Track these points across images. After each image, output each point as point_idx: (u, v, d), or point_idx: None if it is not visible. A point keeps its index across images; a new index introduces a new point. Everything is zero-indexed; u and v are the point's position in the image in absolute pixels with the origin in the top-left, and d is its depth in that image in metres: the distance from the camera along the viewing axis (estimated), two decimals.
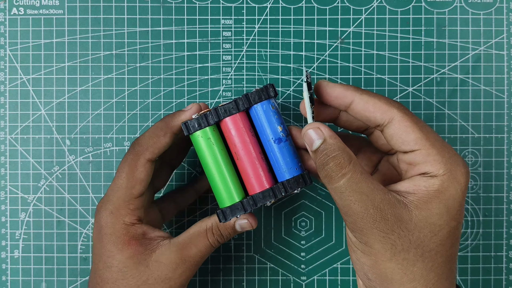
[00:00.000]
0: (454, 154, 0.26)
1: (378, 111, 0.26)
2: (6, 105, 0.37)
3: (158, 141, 0.30)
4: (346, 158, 0.25)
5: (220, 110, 0.29)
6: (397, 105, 0.26)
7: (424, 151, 0.25)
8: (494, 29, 0.38)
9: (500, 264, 0.38)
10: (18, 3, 0.37)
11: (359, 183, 0.25)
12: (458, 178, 0.25)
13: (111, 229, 0.29)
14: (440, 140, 0.26)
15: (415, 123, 0.26)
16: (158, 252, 0.29)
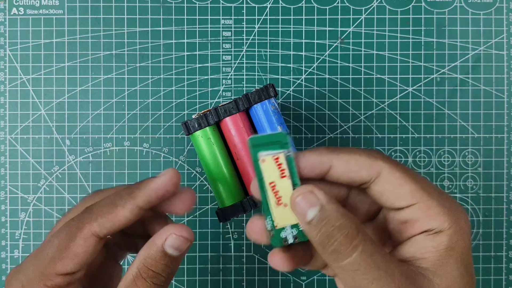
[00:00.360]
0: (453, 201, 0.23)
1: (363, 169, 0.22)
2: (6, 105, 0.37)
3: (113, 212, 0.22)
4: (353, 226, 0.21)
5: (220, 110, 0.29)
6: (381, 156, 0.23)
7: (423, 205, 0.22)
8: (494, 29, 0.38)
9: (500, 264, 0.38)
10: (18, 3, 0.37)
11: (373, 255, 0.20)
12: (464, 228, 0.22)
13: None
14: (435, 188, 0.23)
15: (406, 173, 0.22)
16: None
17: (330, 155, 0.22)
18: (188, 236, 0.23)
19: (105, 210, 0.22)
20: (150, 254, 0.23)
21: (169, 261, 0.23)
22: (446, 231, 0.22)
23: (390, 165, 0.22)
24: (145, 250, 0.23)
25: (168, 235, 0.22)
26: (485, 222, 0.38)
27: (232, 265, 0.38)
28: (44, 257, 0.22)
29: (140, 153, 0.38)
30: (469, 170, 0.38)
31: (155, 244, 0.23)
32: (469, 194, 0.38)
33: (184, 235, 0.23)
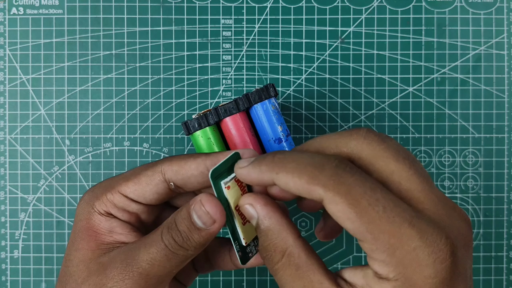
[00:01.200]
0: (414, 249, 0.18)
1: (303, 193, 0.19)
2: (5, 105, 0.37)
3: (184, 160, 0.24)
4: (277, 250, 0.20)
5: (220, 110, 0.29)
6: (325, 180, 0.18)
7: (367, 246, 0.18)
8: (494, 29, 0.38)
9: (501, 264, 0.38)
10: (18, 3, 0.37)
11: (293, 281, 0.20)
12: (420, 285, 0.18)
13: (79, 215, 0.25)
14: (392, 223, 0.18)
15: (352, 205, 0.18)
16: (107, 254, 0.23)
17: (271, 173, 0.20)
18: (213, 215, 0.22)
19: (179, 158, 0.24)
20: (182, 210, 0.23)
21: (192, 227, 0.22)
22: (392, 281, 0.18)
23: (332, 193, 0.18)
24: (181, 207, 0.23)
25: (196, 201, 0.22)
26: (486, 222, 0.38)
27: None
28: (119, 176, 0.25)
29: (140, 153, 0.37)
30: (469, 170, 0.38)
31: (187, 204, 0.23)
32: (470, 194, 0.38)
33: (210, 212, 0.22)
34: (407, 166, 0.19)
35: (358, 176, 0.18)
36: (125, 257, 0.23)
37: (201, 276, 0.38)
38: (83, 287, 0.23)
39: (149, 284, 0.22)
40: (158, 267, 0.22)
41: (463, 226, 0.19)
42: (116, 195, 0.24)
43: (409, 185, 0.19)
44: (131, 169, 0.25)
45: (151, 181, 0.24)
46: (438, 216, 0.18)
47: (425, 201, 0.19)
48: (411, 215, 0.18)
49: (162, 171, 0.24)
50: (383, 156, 0.19)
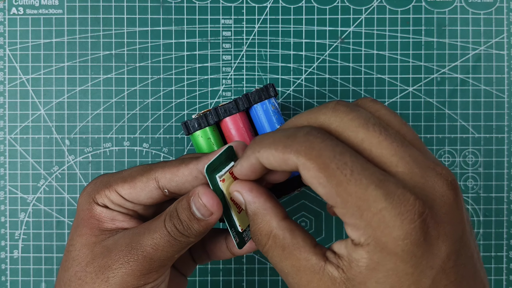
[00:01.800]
0: (380, 210, 0.17)
1: (282, 165, 0.20)
2: (5, 105, 0.37)
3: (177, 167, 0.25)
4: (263, 233, 0.21)
5: (220, 110, 0.29)
6: (297, 146, 0.19)
7: (339, 211, 0.19)
8: (494, 29, 0.38)
9: (501, 264, 0.38)
10: (18, 3, 0.37)
11: (281, 261, 0.21)
12: (390, 247, 0.17)
13: (81, 205, 0.26)
14: (359, 185, 0.18)
15: (322, 169, 0.18)
16: (111, 238, 0.24)
17: (254, 153, 0.21)
18: (210, 206, 0.23)
19: (172, 164, 0.25)
20: (183, 200, 0.24)
21: (191, 217, 0.23)
22: (365, 246, 0.18)
23: (305, 159, 0.19)
24: (186, 194, 0.24)
25: (194, 193, 0.23)
26: (486, 222, 0.38)
27: (232, 265, 0.38)
28: (119, 174, 0.26)
29: (140, 153, 0.37)
30: (469, 170, 0.38)
31: (188, 194, 0.24)
32: (470, 194, 0.38)
33: (207, 204, 0.23)
34: (376, 132, 0.19)
35: (329, 141, 0.19)
36: (130, 241, 0.24)
37: (201, 276, 0.38)
38: (88, 269, 0.24)
39: (152, 267, 0.24)
40: (161, 251, 0.23)
41: (440, 185, 0.18)
42: (113, 193, 0.25)
43: (380, 151, 0.19)
44: (129, 168, 0.26)
45: (146, 187, 0.25)
46: (411, 177, 0.18)
47: (399, 163, 0.18)
48: (378, 178, 0.18)
49: (156, 178, 0.25)
50: (352, 126, 0.19)
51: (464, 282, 0.18)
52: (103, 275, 0.23)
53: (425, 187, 0.18)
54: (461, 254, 0.18)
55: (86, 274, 0.24)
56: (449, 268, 0.18)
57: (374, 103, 0.21)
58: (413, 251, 0.17)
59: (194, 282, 0.38)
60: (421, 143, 0.20)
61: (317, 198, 0.38)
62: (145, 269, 0.23)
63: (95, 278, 0.24)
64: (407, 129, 0.20)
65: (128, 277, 0.23)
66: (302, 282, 0.20)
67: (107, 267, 0.23)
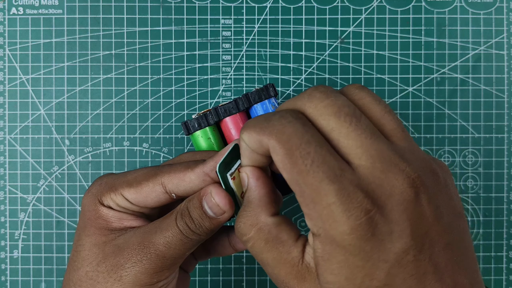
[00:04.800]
0: (329, 205, 0.18)
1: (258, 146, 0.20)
2: (5, 105, 0.37)
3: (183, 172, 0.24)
4: (247, 223, 0.22)
5: (220, 110, 0.29)
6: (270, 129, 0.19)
7: (298, 199, 0.19)
8: (494, 29, 0.38)
9: (500, 264, 0.38)
10: (17, 3, 0.37)
11: (262, 253, 0.21)
12: (338, 240, 0.18)
13: (86, 206, 0.26)
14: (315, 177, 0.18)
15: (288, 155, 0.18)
16: (121, 237, 0.24)
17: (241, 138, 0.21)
18: (221, 205, 0.23)
19: (178, 169, 0.25)
20: (194, 199, 0.24)
21: (203, 215, 0.24)
22: (317, 237, 0.19)
23: (274, 141, 0.19)
24: (197, 193, 0.24)
25: (206, 192, 0.24)
26: (486, 222, 0.38)
27: (232, 265, 0.38)
28: (125, 177, 0.25)
29: (140, 153, 0.37)
30: (469, 170, 0.38)
31: (199, 193, 0.24)
32: (469, 194, 0.38)
33: (219, 202, 0.23)
34: (347, 122, 0.19)
35: (300, 127, 0.19)
36: (142, 239, 0.24)
37: (201, 276, 0.38)
38: (99, 269, 0.24)
39: (165, 265, 0.24)
40: (173, 249, 0.24)
41: (400, 182, 0.18)
42: (119, 197, 0.25)
43: (347, 142, 0.19)
44: (134, 171, 0.26)
45: (152, 192, 0.25)
46: (371, 172, 0.18)
47: (362, 156, 0.19)
48: (335, 173, 0.18)
49: (162, 183, 0.25)
50: (324, 113, 0.19)
51: (429, 276, 0.18)
52: (116, 274, 0.24)
53: (383, 183, 0.18)
54: (425, 249, 0.18)
55: (98, 273, 0.24)
56: (408, 263, 0.18)
57: (359, 90, 0.21)
58: (360, 246, 0.18)
59: (194, 282, 0.38)
60: (402, 134, 0.20)
61: None
62: (158, 267, 0.24)
63: (107, 277, 0.24)
64: (389, 118, 0.20)
65: (141, 275, 0.23)
66: (281, 273, 0.21)
67: (120, 266, 0.24)
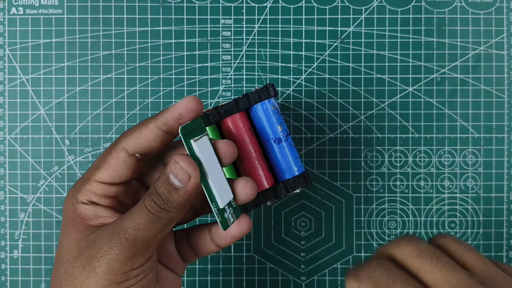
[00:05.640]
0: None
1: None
2: (5, 105, 0.37)
3: (139, 131, 0.26)
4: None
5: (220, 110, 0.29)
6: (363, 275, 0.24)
7: None
8: (494, 29, 0.38)
9: None
10: (17, 3, 0.37)
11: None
12: None
13: (65, 209, 0.26)
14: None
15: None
16: (96, 232, 0.25)
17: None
18: (189, 171, 0.24)
19: (133, 129, 0.26)
20: (160, 178, 0.24)
21: (169, 187, 0.24)
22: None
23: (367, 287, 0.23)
24: (162, 174, 0.25)
25: (172, 162, 0.24)
26: (486, 222, 0.38)
27: (232, 265, 0.38)
28: (92, 167, 0.26)
29: None
30: (469, 170, 0.38)
31: (165, 169, 0.24)
32: (469, 194, 0.38)
33: (186, 169, 0.24)
34: (428, 261, 0.23)
35: (384, 270, 0.23)
36: (112, 228, 0.24)
37: (201, 276, 0.38)
38: (75, 264, 0.24)
39: (136, 249, 0.24)
40: (143, 231, 0.24)
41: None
42: (94, 184, 0.26)
43: (430, 276, 0.23)
44: (99, 157, 0.27)
45: (118, 161, 0.26)
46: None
47: (445, 286, 0.22)
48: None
49: (123, 148, 0.26)
50: (410, 256, 0.24)
51: None
52: (89, 266, 0.24)
53: None
54: None
55: (74, 269, 0.24)
56: None
57: (452, 242, 0.24)
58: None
59: (194, 282, 0.38)
60: (484, 266, 0.23)
61: (317, 198, 0.38)
62: (129, 252, 0.24)
63: (82, 271, 0.24)
64: (470, 254, 0.24)
65: (113, 262, 0.23)
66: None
67: (92, 257, 0.24)
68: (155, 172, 0.29)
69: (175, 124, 0.25)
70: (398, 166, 0.38)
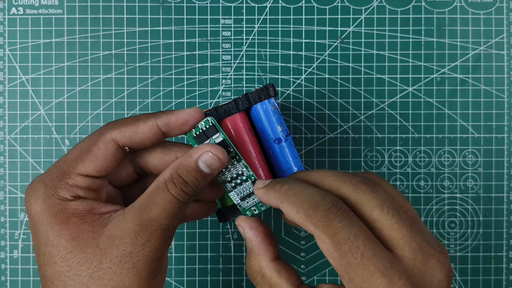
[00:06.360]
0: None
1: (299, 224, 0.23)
2: (5, 105, 0.37)
3: (135, 124, 0.25)
4: (254, 270, 0.25)
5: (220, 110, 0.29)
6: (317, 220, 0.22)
7: (344, 282, 0.22)
8: (494, 29, 0.38)
9: (500, 264, 0.38)
10: (17, 3, 0.37)
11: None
12: None
13: (43, 206, 0.23)
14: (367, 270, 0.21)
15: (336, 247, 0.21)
16: (111, 226, 0.23)
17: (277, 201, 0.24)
18: (222, 158, 0.24)
19: (128, 122, 0.25)
20: (184, 164, 0.24)
21: (199, 175, 0.24)
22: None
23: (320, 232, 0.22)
24: (180, 160, 0.24)
25: (204, 151, 0.24)
26: (485, 222, 0.38)
27: (232, 265, 0.38)
28: (67, 159, 0.24)
29: None
30: (469, 170, 0.38)
31: (190, 156, 0.24)
32: (469, 194, 0.38)
33: (219, 156, 0.24)
34: (390, 215, 0.22)
35: (346, 222, 0.21)
36: (139, 221, 0.23)
37: (201, 276, 0.38)
38: (104, 266, 0.23)
39: (170, 235, 0.24)
40: (175, 219, 0.24)
41: (438, 272, 0.21)
42: (78, 178, 0.24)
43: (390, 233, 0.21)
44: (75, 148, 0.25)
45: (107, 153, 0.25)
46: (414, 264, 0.21)
47: (405, 248, 0.21)
48: (385, 265, 0.20)
49: (114, 139, 0.25)
50: (368, 205, 0.22)
51: None
52: (127, 264, 0.23)
53: (425, 274, 0.21)
54: None
55: (104, 271, 0.23)
56: None
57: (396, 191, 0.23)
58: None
59: (194, 282, 0.38)
60: (420, 221, 0.23)
61: None
62: (165, 240, 0.24)
63: (118, 270, 0.23)
64: (407, 206, 0.23)
65: (153, 253, 0.23)
66: None
67: (128, 254, 0.23)
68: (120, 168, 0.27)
69: (176, 128, 0.25)
70: (398, 166, 0.38)
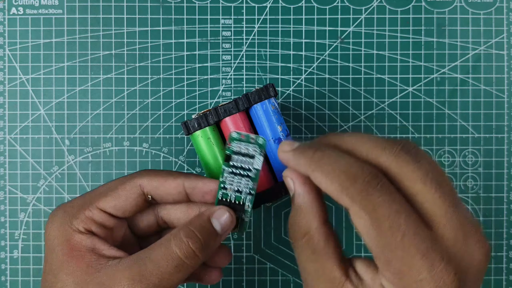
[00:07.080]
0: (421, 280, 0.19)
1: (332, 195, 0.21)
2: (5, 105, 0.37)
3: (164, 178, 0.25)
4: (301, 230, 0.22)
5: (220, 110, 0.29)
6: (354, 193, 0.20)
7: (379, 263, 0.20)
8: (494, 29, 0.38)
9: (500, 264, 0.38)
10: (17, 3, 0.37)
11: (307, 262, 0.22)
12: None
13: (56, 232, 0.24)
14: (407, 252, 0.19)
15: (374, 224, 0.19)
16: (103, 272, 0.23)
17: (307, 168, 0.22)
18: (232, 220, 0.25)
19: (159, 173, 0.25)
20: (197, 221, 0.24)
21: (213, 235, 0.24)
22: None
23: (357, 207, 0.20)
24: (193, 218, 0.24)
25: (217, 209, 0.25)
26: (486, 222, 0.38)
27: (232, 265, 0.38)
28: (93, 192, 0.25)
29: (140, 153, 0.37)
30: (469, 170, 0.38)
31: (203, 214, 0.24)
32: (469, 194, 0.38)
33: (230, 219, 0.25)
34: (433, 189, 0.19)
35: (386, 197, 0.19)
36: (130, 274, 0.22)
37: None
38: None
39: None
40: (167, 280, 0.23)
41: (477, 255, 0.19)
42: (95, 211, 0.25)
43: (431, 208, 0.19)
44: (105, 185, 0.26)
45: (130, 195, 0.25)
46: (454, 244, 0.19)
47: (447, 226, 0.19)
48: (426, 247, 0.19)
49: (140, 185, 0.25)
50: (410, 177, 0.20)
51: None
52: None
53: (465, 254, 0.19)
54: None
55: None
56: None
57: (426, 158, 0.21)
58: None
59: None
60: (456, 194, 0.21)
61: None
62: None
63: None
64: (447, 180, 0.21)
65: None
66: (320, 287, 0.21)
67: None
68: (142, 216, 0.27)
69: (199, 194, 0.25)
70: None
